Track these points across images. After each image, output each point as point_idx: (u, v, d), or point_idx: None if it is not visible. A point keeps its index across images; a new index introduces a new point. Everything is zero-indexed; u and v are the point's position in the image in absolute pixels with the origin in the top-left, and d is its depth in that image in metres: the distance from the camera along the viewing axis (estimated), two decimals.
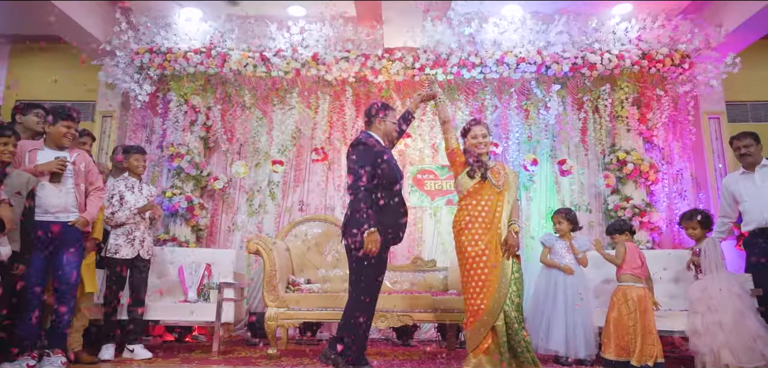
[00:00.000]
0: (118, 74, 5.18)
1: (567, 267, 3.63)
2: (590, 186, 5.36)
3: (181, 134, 5.24)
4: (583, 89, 5.24)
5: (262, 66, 5.17)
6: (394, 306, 3.75)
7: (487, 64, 5.07)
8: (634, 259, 3.40)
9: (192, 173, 5.19)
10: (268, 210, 5.48)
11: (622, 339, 3.25)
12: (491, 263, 2.92)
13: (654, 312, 3.29)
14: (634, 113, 5.10)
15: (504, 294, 2.90)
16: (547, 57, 5.03)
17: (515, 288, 2.95)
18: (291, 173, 5.53)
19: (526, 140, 5.33)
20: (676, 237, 5.15)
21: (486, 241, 2.94)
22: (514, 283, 2.95)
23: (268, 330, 3.74)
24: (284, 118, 5.33)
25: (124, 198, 3.59)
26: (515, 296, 2.94)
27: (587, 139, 5.28)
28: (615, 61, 5.01)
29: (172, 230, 5.16)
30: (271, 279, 3.77)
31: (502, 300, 2.89)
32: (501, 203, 3.02)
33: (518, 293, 2.96)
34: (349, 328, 2.90)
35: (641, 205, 4.93)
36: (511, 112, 5.22)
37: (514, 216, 3.09)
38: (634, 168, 4.97)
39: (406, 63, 5.13)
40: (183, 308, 3.99)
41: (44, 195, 3.04)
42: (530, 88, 5.25)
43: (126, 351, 3.61)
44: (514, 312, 2.90)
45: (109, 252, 3.50)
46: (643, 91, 5.15)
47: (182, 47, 5.20)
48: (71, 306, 3.09)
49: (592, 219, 5.30)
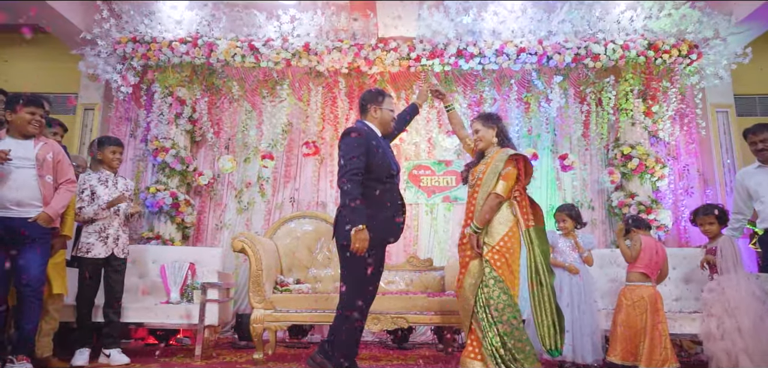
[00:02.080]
0: (99, 65, 4.93)
1: (572, 267, 3.43)
2: (593, 183, 5.14)
3: (165, 127, 5.00)
4: (585, 81, 5.03)
5: (251, 56, 4.94)
6: (387, 308, 3.53)
7: (486, 54, 4.85)
8: (650, 256, 3.18)
9: (177, 168, 4.95)
10: (258, 207, 5.25)
11: (629, 341, 3.03)
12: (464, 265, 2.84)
13: (664, 314, 3.07)
14: (640, 106, 4.89)
15: (468, 298, 2.76)
16: (549, 47, 4.82)
17: (496, 292, 2.68)
18: (281, 168, 5.30)
19: (527, 134, 5.12)
20: (682, 235, 4.94)
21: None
22: (492, 285, 2.69)
23: (253, 333, 3.52)
24: (274, 111, 5.10)
25: (96, 194, 3.35)
26: (496, 299, 2.68)
27: (590, 133, 5.06)
28: (619, 51, 4.80)
29: (156, 228, 4.92)
30: (258, 279, 3.55)
31: (467, 305, 2.77)
32: (475, 201, 2.85)
33: (500, 297, 2.68)
34: (339, 332, 2.69)
35: (647, 202, 4.72)
36: (510, 104, 5.00)
37: (481, 213, 2.75)
38: (639, 163, 4.76)
39: (401, 53, 4.90)
40: (164, 310, 3.76)
41: (0, 189, 2.79)
42: (531, 79, 5.03)
43: (102, 356, 3.38)
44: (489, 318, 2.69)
45: (80, 251, 3.26)
46: (649, 83, 4.94)
47: (167, 36, 4.96)
48: (35, 309, 2.84)
49: (595, 217, 5.09)
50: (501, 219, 2.76)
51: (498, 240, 2.72)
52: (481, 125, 2.96)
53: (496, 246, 2.72)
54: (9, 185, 2.84)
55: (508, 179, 2.76)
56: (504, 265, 2.70)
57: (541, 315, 2.74)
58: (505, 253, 2.71)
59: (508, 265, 2.71)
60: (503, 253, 2.71)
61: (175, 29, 5.00)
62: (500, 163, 2.78)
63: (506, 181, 2.75)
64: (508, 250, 2.72)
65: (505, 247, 2.72)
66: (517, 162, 2.82)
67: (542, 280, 2.74)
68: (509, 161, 2.79)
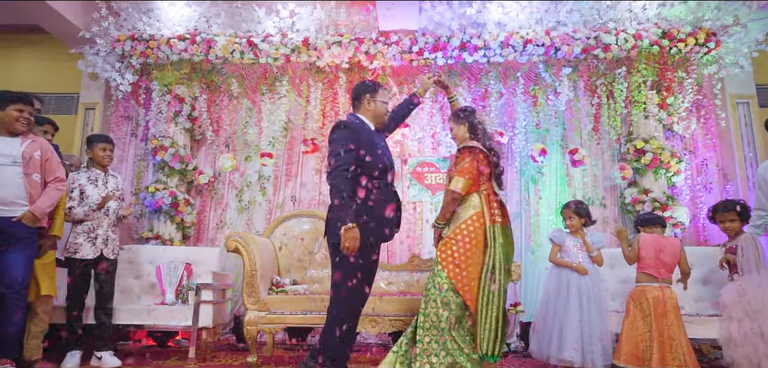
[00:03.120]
0: (98, 64, 4.88)
1: (580, 267, 3.24)
2: (605, 178, 4.93)
3: (164, 126, 4.93)
4: (596, 73, 4.82)
5: (250, 52, 4.84)
6: (386, 310, 3.39)
7: (491, 46, 4.67)
8: (654, 255, 2.98)
9: (176, 167, 4.87)
10: (259, 206, 5.14)
11: (635, 346, 2.85)
12: None
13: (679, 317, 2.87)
14: (653, 98, 4.66)
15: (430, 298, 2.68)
16: (557, 38, 4.62)
17: (434, 279, 2.69)
18: (282, 166, 5.19)
19: (534, 128, 4.91)
20: (700, 233, 4.70)
21: None
22: (434, 272, 2.71)
23: (247, 335, 3.40)
24: (273, 108, 4.99)
25: (85, 193, 3.27)
26: (429, 287, 2.69)
27: (601, 127, 4.85)
28: (632, 41, 4.58)
29: (156, 227, 4.84)
30: (251, 280, 3.44)
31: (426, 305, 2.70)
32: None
33: (432, 285, 2.68)
34: (330, 334, 2.57)
35: (662, 198, 4.49)
36: (517, 98, 4.81)
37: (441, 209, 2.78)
38: (653, 158, 4.53)
39: (402, 47, 4.75)
40: (157, 311, 3.67)
41: None
42: (538, 72, 4.83)
43: (93, 358, 3.31)
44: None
45: (68, 251, 3.19)
46: (663, 74, 4.70)
47: (165, 34, 4.89)
48: (18, 311, 2.76)
49: (607, 215, 4.87)
50: (461, 213, 2.70)
51: (452, 229, 2.70)
52: (453, 123, 2.91)
53: (449, 235, 2.70)
54: None
55: (464, 173, 2.68)
56: (449, 256, 2.64)
57: (486, 316, 2.59)
58: (454, 244, 2.64)
59: (452, 256, 2.63)
60: (451, 244, 2.66)
61: (174, 26, 4.93)
62: (456, 157, 2.77)
63: (462, 176, 2.68)
64: (456, 240, 2.64)
65: (453, 238, 2.66)
66: (473, 154, 2.72)
67: (496, 280, 2.61)
68: (462, 154, 2.73)
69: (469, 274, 2.60)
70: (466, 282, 2.59)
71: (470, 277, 2.60)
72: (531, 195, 4.94)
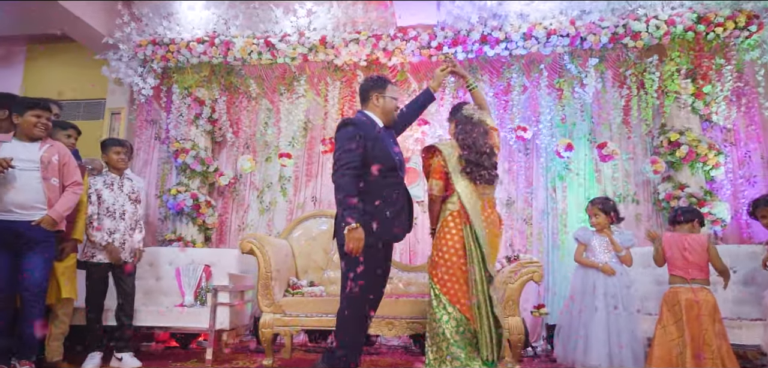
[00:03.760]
0: (121, 69, 4.98)
1: (606, 267, 3.07)
2: (637, 173, 4.67)
3: (185, 128, 4.99)
4: (625, 62, 4.57)
5: (267, 53, 4.83)
6: (402, 312, 3.29)
7: (513, 38, 4.49)
8: (678, 253, 2.78)
9: (197, 169, 4.92)
10: (280, 207, 5.13)
11: (668, 352, 2.66)
12: None
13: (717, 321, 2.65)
14: (688, 87, 4.37)
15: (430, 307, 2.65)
16: (582, 27, 4.40)
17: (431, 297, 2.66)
18: (303, 167, 5.16)
19: (560, 123, 4.70)
20: (744, 230, 4.38)
21: None
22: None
23: (262, 338, 3.38)
24: (292, 108, 4.96)
25: (101, 197, 3.31)
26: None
27: (631, 120, 4.59)
28: (664, 27, 4.31)
29: (178, 229, 4.90)
30: (266, 282, 3.41)
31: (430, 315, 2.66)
32: None
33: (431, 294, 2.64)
34: (341, 338, 2.50)
35: (699, 194, 4.22)
36: (541, 91, 4.61)
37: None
38: (689, 150, 4.26)
39: (421, 42, 4.64)
40: (176, 313, 3.69)
41: (5, 191, 2.78)
42: (563, 63, 4.62)
43: (114, 360, 3.34)
44: None
45: (85, 255, 3.23)
46: (699, 61, 4.41)
47: (185, 37, 4.94)
48: (37, 314, 2.81)
49: (640, 211, 4.62)
50: (441, 217, 2.63)
51: (436, 235, 2.64)
52: (447, 122, 2.86)
53: (433, 243, 2.65)
54: (14, 188, 2.83)
55: (434, 174, 2.63)
56: (434, 264, 2.58)
57: (480, 323, 2.47)
58: (436, 252, 2.58)
59: (436, 264, 2.56)
60: (434, 252, 2.61)
61: (193, 29, 4.97)
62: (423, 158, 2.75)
63: (433, 177, 2.63)
64: (439, 248, 2.56)
65: (436, 246, 2.60)
66: (433, 153, 2.65)
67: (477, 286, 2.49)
68: (425, 154, 2.71)
69: (455, 281, 2.50)
70: (455, 289, 2.49)
71: (456, 283, 2.50)
72: (558, 192, 4.74)
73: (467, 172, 2.54)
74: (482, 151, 2.56)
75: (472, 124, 2.63)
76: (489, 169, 2.57)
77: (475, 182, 2.55)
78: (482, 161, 2.55)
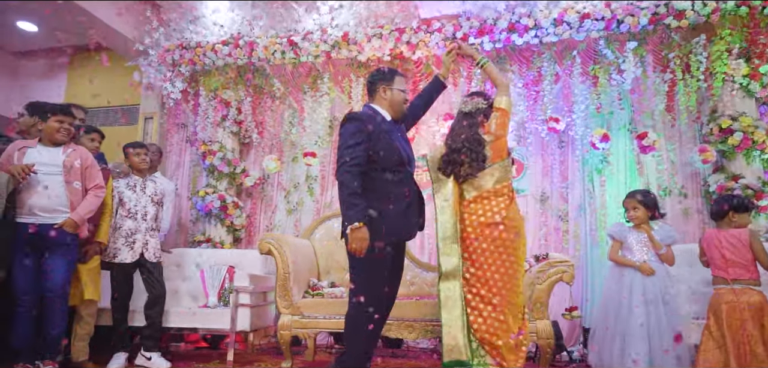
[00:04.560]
0: (151, 74, 5.10)
1: (644, 266, 2.81)
2: (684, 165, 4.31)
3: (212, 130, 5.04)
4: (668, 44, 4.21)
5: (290, 51, 4.80)
6: (423, 314, 3.15)
7: (543, 25, 4.24)
8: (716, 252, 2.50)
9: (225, 170, 4.96)
10: (307, 206, 5.10)
11: (711, 359, 2.38)
12: None
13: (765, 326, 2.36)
14: (741, 68, 3.98)
15: None
16: (619, 9, 4.09)
17: None
18: (329, 166, 5.10)
19: (595, 112, 4.40)
20: None
21: None
22: None
23: (280, 340, 3.33)
24: (316, 106, 4.91)
25: (123, 200, 3.36)
26: None
27: (676, 107, 4.24)
28: (712, 4, 3.95)
29: (207, 231, 4.96)
30: (285, 283, 3.35)
31: None
32: None
33: None
34: (349, 342, 2.40)
35: (756, 185, 3.82)
36: (574, 80, 4.33)
37: None
38: (743, 137, 3.87)
39: (445, 33, 4.46)
40: (200, 314, 3.71)
41: (29, 195, 2.86)
42: (598, 49, 4.32)
43: (141, 359, 3.38)
44: None
45: (108, 256, 3.29)
46: (754, 39, 3.99)
47: (211, 40, 4.99)
48: (59, 315, 2.88)
49: (689, 205, 4.26)
50: None
51: None
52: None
53: None
54: (37, 192, 2.90)
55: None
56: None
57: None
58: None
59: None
60: None
61: (219, 32, 5.02)
62: None
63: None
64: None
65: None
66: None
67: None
68: None
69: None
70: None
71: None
72: (595, 187, 4.45)
73: (447, 172, 2.47)
74: (458, 147, 2.47)
75: (461, 117, 2.55)
76: (470, 162, 2.44)
77: (457, 180, 2.46)
78: (459, 159, 2.46)
